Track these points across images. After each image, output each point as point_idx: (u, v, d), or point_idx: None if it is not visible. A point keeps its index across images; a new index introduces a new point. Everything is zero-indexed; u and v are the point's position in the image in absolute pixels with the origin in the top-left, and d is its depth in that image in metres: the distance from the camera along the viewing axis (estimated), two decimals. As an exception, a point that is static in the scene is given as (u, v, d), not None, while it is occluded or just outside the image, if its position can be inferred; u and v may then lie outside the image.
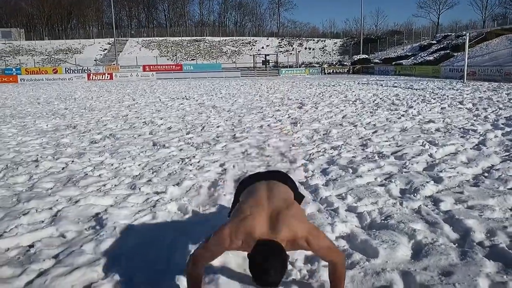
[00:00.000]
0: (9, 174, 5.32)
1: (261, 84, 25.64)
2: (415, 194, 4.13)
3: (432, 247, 2.98)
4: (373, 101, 13.08)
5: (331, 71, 48.50)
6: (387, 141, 6.82)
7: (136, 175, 5.10)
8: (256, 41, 65.11)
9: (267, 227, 2.08)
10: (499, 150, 5.91)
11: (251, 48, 62.15)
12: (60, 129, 8.97)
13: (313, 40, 65.40)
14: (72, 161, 5.87)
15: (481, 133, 7.18)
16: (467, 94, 14.69)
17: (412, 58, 44.26)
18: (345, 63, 52.77)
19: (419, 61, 41.16)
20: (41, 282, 2.67)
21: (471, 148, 6.09)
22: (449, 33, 48.70)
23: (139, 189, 4.52)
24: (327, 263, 2.42)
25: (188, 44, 63.49)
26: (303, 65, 52.67)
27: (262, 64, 50.96)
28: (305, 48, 62.32)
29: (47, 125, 9.53)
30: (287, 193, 2.45)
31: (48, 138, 7.85)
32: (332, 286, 2.36)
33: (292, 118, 9.75)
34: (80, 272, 2.76)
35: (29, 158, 6.20)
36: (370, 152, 6.01)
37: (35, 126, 9.46)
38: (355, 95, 15.51)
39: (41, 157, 6.20)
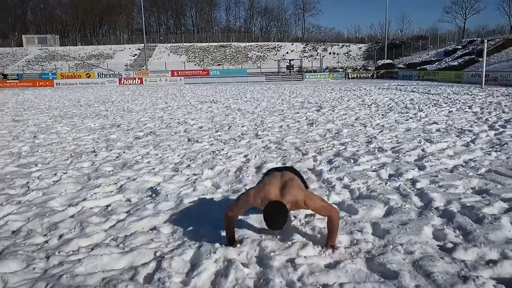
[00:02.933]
0: (75, 160, 6.65)
1: (284, 89, 26.78)
2: (399, 177, 5.20)
3: (399, 209, 4.07)
4: (388, 105, 14.04)
5: (354, 76, 49.17)
6: (389, 139, 7.85)
7: (177, 162, 6.34)
8: (280, 46, 66.31)
9: (279, 193, 3.23)
10: (485, 147, 6.87)
11: (276, 53, 63.37)
12: (106, 128, 10.36)
13: (338, 45, 66.11)
14: (124, 152, 7.17)
15: (475, 133, 8.12)
16: (479, 99, 15.45)
17: (436, 63, 44.57)
18: (369, 68, 53.33)
19: (443, 66, 41.48)
20: (121, 225, 3.90)
21: (461, 145, 7.06)
22: (475, 38, 48.67)
23: (181, 171, 5.75)
24: (321, 217, 3.57)
25: (215, 50, 65.24)
26: (327, 70, 53.53)
27: (286, 69, 52.06)
28: (330, 53, 63.11)
29: (94, 124, 10.96)
30: (297, 179, 3.59)
31: (98, 135, 9.22)
32: (328, 233, 3.38)
33: (309, 120, 10.86)
34: (146, 220, 3.99)
35: (87, 149, 7.54)
36: (372, 148, 7.06)
37: (84, 125, 10.89)
38: (372, 99, 16.47)
39: (97, 148, 7.54)
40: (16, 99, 23.11)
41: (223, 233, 3.50)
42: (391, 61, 52.23)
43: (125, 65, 56.02)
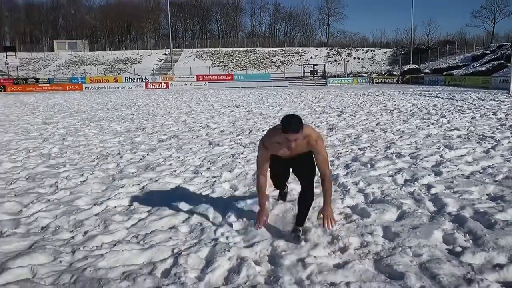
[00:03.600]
0: (101, 162, 6.95)
1: (307, 94, 26.86)
2: (414, 183, 5.25)
3: (411, 214, 4.15)
4: (410, 111, 13.97)
5: (379, 81, 48.79)
6: (408, 144, 7.87)
7: (198, 165, 6.55)
8: (305, 51, 66.36)
9: None
10: (506, 154, 6.81)
11: (300, 58, 63.46)
12: (131, 131, 10.70)
13: (363, 49, 65.72)
14: (147, 154, 7.44)
15: (497, 140, 8.04)
16: (504, 105, 15.18)
17: (463, 68, 43.81)
18: (394, 73, 52.84)
19: (471, 71, 40.73)
20: (142, 224, 4.11)
21: (480, 152, 7.03)
22: (504, 43, 47.58)
23: (201, 173, 5.95)
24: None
25: (239, 55, 65.82)
26: (351, 75, 53.26)
27: (310, 74, 52.11)
28: (354, 58, 62.78)
29: (120, 127, 11.33)
30: None
31: (124, 137, 9.55)
32: (325, 195, 3.57)
33: (329, 125, 10.93)
34: (166, 219, 4.19)
35: (113, 151, 7.85)
36: (391, 153, 7.11)
37: (110, 128, 11.27)
38: (395, 105, 16.39)
39: (122, 151, 7.83)
40: (47, 102, 23.95)
41: (238, 233, 3.68)
42: (416, 66, 51.57)
43: (152, 70, 57.20)
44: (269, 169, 3.75)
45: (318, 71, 53.06)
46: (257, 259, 3.30)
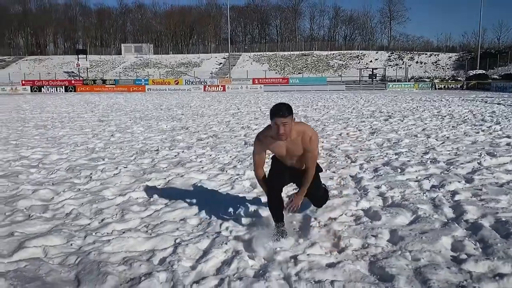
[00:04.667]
0: (138, 157, 7.30)
1: (360, 98, 26.32)
2: (440, 189, 5.05)
3: (425, 219, 4.01)
4: (463, 117, 13.29)
5: (442, 87, 46.63)
6: (449, 150, 7.52)
7: (226, 163, 6.70)
8: (364, 54, 64.98)
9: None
10: (554, 164, 6.33)
11: (359, 62, 62.23)
12: (176, 129, 11.11)
13: (426, 54, 63.23)
14: (183, 151, 7.71)
15: (549, 149, 7.48)
16: None
17: (536, 74, 40.77)
18: (458, 78, 50.31)
19: (544, 77, 37.83)
20: (156, 214, 4.31)
21: (526, 161, 6.58)
22: None
23: (227, 171, 6.09)
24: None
25: (297, 58, 65.76)
26: (412, 80, 51.40)
27: (369, 78, 50.90)
28: (416, 62, 60.55)
29: (166, 126, 11.80)
30: None
31: (167, 135, 9.94)
32: (302, 183, 3.55)
33: (372, 128, 10.69)
34: (179, 211, 4.36)
35: (152, 148, 8.21)
36: (426, 158, 6.83)
37: (158, 127, 11.76)
38: (449, 111, 15.66)
39: (160, 147, 8.17)
40: (108, 102, 25.36)
41: (243, 227, 3.78)
42: (484, 71, 48.72)
43: (211, 73, 58.66)
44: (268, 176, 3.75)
45: (377, 75, 51.72)
46: (253, 253, 3.35)
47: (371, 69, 52.13)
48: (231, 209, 4.41)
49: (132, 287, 2.82)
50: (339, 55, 66.25)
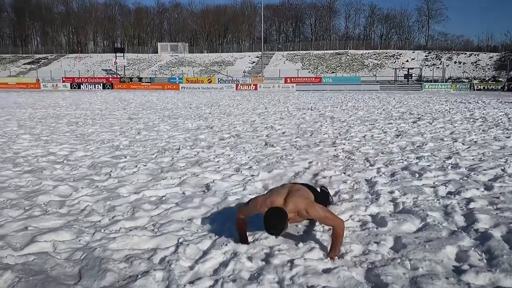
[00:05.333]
0: (159, 155, 7.47)
1: (393, 98, 25.80)
2: (456, 195, 4.91)
3: (433, 227, 3.92)
4: (497, 120, 12.81)
5: (481, 88, 45.00)
6: (474, 156, 7.27)
7: (243, 163, 6.75)
8: (400, 54, 63.54)
9: (283, 201, 3.39)
10: None
11: (395, 61, 60.90)
12: (200, 128, 11.27)
13: (465, 53, 61.13)
14: (203, 151, 7.83)
15: None
16: None
17: None
18: (500, 79, 48.38)
19: None
20: (165, 213, 4.41)
21: (555, 168, 6.29)
22: None
23: (241, 172, 6.14)
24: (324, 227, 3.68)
25: (330, 57, 65.06)
26: (450, 80, 49.85)
27: (404, 78, 49.74)
28: (455, 62, 58.66)
29: (192, 125, 11.99)
30: (305, 189, 3.72)
31: (190, 134, 10.11)
32: (331, 243, 3.44)
33: (398, 131, 10.48)
34: (187, 211, 4.45)
35: (174, 146, 8.38)
36: (448, 164, 6.64)
37: (183, 125, 11.97)
38: (483, 114, 15.13)
39: (182, 146, 8.33)
40: (141, 100, 25.97)
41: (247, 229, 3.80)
42: (528, 72, 46.62)
43: (243, 72, 58.91)
44: None
45: (413, 75, 50.45)
46: (251, 256, 3.38)
47: (406, 69, 50.93)
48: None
49: (128, 284, 2.92)
50: (374, 54, 65.05)
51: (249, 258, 3.32)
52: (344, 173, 6.11)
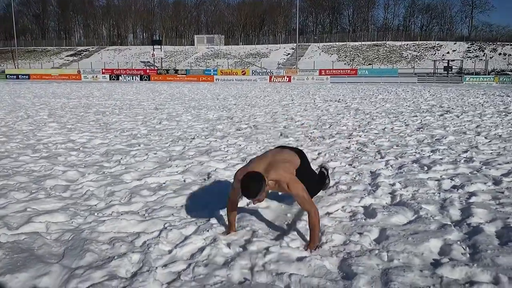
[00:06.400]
0: (172, 144, 7.62)
1: (427, 91, 25.01)
2: (459, 189, 4.75)
3: (424, 220, 3.82)
4: (532, 114, 12.20)
5: (527, 81, 42.81)
6: (493, 150, 6.98)
7: (252, 153, 6.78)
8: (441, 45, 61.33)
9: (263, 169, 3.34)
10: None
11: (435, 53, 58.87)
12: (221, 119, 11.38)
13: (511, 45, 58.24)
14: (215, 141, 7.92)
15: None
16: None
17: None
18: (547, 71, 45.85)
19: None
20: (161, 199, 4.52)
21: None
22: None
23: (247, 161, 6.16)
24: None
25: (367, 49, 63.67)
26: (493, 73, 47.72)
27: (444, 70, 48.04)
28: (500, 54, 56.04)
29: (213, 115, 12.12)
30: (291, 156, 3.70)
31: (209, 125, 10.23)
32: (310, 233, 3.36)
33: (421, 124, 10.18)
34: (181, 198, 4.56)
35: (190, 136, 8.51)
36: (462, 157, 6.41)
37: (205, 116, 12.12)
38: (519, 107, 14.42)
39: (197, 136, 8.45)
40: (172, 91, 26.41)
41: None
42: None
43: (278, 64, 58.68)
44: None
45: (453, 67, 48.61)
46: (231, 242, 3.42)
47: (446, 61, 49.14)
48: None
49: (104, 265, 3.02)
50: (413, 45, 63.08)
51: (228, 245, 3.36)
52: (350, 165, 6.03)
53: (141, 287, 2.71)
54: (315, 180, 4.14)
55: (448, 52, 58.26)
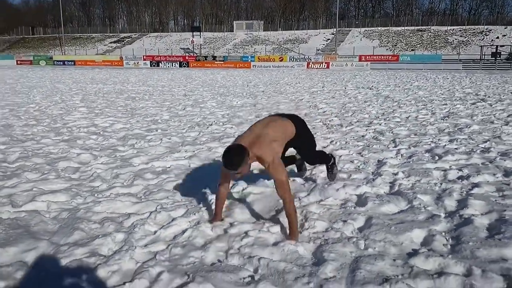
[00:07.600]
0: (189, 130, 7.79)
1: (469, 78, 23.94)
2: (464, 180, 4.61)
3: (414, 210, 3.76)
4: None
5: None
6: (515, 140, 6.69)
7: (263, 140, 6.82)
8: (490, 30, 58.33)
9: (249, 141, 3.26)
10: None
11: (483, 38, 56.09)
12: (244, 106, 11.45)
13: None
14: (231, 127, 8.01)
15: None
16: None
17: None
18: None
19: None
20: (161, 183, 4.67)
21: None
22: None
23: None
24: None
25: (411, 34, 61.55)
26: (548, 59, 44.86)
27: (491, 57, 45.70)
28: (556, 38, 52.64)
29: (237, 102, 12.21)
30: (284, 127, 3.65)
31: (231, 111, 10.33)
32: (288, 225, 3.29)
33: (448, 112, 9.83)
34: (180, 181, 4.67)
35: (208, 122, 8.64)
36: (479, 147, 6.17)
37: (230, 103, 12.22)
38: (562, 95, 13.59)
39: (215, 122, 8.57)
40: (206, 78, 26.68)
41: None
42: None
43: (317, 49, 57.85)
44: None
45: (502, 53, 46.11)
46: (214, 225, 3.50)
47: (495, 46, 46.65)
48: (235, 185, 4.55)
49: (89, 243, 3.20)
50: (460, 30, 60.33)
51: (211, 228, 3.46)
52: (359, 154, 5.95)
53: (115, 264, 2.85)
54: (314, 148, 4.22)
55: (497, 37, 55.34)
